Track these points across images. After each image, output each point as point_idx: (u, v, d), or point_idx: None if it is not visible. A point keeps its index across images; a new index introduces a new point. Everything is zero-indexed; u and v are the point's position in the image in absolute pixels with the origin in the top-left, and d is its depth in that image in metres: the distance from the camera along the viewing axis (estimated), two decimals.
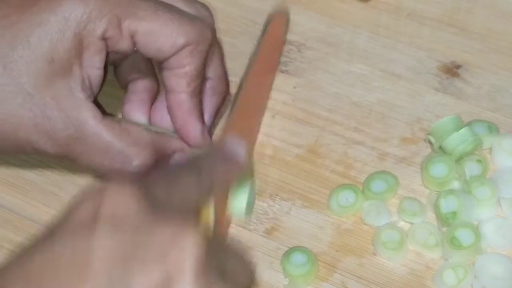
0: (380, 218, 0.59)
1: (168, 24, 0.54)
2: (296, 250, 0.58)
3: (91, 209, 0.41)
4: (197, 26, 0.55)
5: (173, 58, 0.55)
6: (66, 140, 0.53)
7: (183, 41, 0.54)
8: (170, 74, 0.55)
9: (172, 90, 0.56)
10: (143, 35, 0.54)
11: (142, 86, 0.59)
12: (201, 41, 0.55)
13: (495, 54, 0.68)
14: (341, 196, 0.60)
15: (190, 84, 0.56)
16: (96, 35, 0.53)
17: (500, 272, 0.57)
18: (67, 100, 0.53)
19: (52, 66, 0.53)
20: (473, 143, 0.61)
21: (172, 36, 0.54)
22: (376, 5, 0.71)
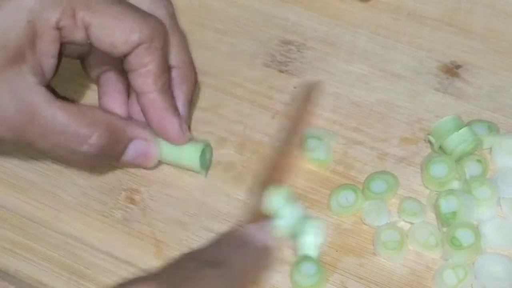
0: (380, 218, 0.59)
1: (122, 20, 0.54)
2: (306, 260, 0.57)
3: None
4: (150, 23, 0.55)
5: (132, 58, 0.55)
6: (19, 124, 0.54)
7: (136, 38, 0.54)
8: (134, 75, 0.56)
9: (141, 91, 0.56)
10: (96, 28, 0.54)
11: (115, 77, 0.59)
12: (156, 38, 0.55)
13: (495, 54, 0.68)
14: (341, 196, 0.60)
15: (156, 82, 0.56)
16: (50, 24, 0.53)
17: (500, 272, 0.57)
18: (19, 85, 0.53)
19: (4, 53, 0.53)
20: (473, 143, 0.61)
21: (125, 31, 0.54)
22: (376, 5, 0.71)
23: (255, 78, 0.67)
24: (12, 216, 0.61)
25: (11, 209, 0.62)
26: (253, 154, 0.64)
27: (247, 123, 0.65)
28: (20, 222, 0.61)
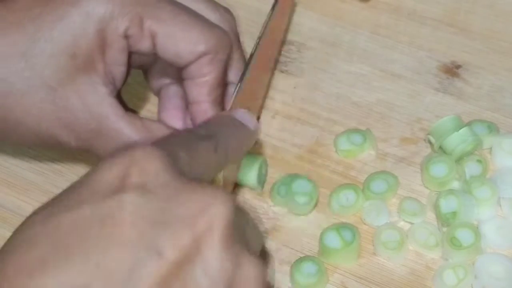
0: (380, 218, 0.59)
1: (189, 30, 0.54)
2: (307, 260, 0.58)
3: (120, 172, 0.41)
4: (217, 34, 0.55)
5: (193, 67, 0.55)
6: (88, 134, 0.54)
7: (202, 49, 0.54)
8: (191, 83, 0.55)
9: (194, 100, 0.56)
10: (163, 38, 0.54)
11: (175, 92, 0.59)
12: (221, 49, 0.55)
13: (495, 54, 0.68)
14: (342, 196, 0.60)
15: (211, 93, 0.56)
16: (118, 32, 0.53)
17: (500, 272, 0.57)
18: (90, 95, 0.53)
19: (75, 61, 0.53)
20: (473, 143, 0.61)
21: (191, 42, 0.54)
22: (376, 5, 0.71)
23: None
24: (12, 216, 0.61)
25: (11, 209, 0.62)
26: (253, 154, 0.64)
27: None
28: (20, 222, 0.61)
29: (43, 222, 0.41)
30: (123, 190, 0.40)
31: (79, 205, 0.40)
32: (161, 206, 0.40)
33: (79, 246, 0.39)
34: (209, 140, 0.47)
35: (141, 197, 0.40)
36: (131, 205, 0.39)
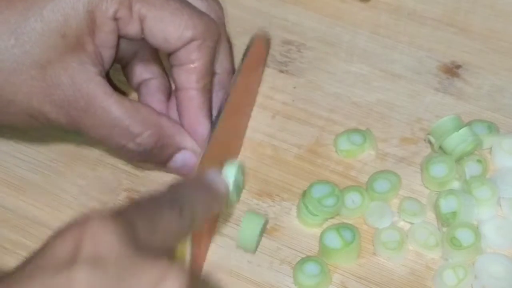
0: (383, 220, 0.59)
1: (177, 15, 0.54)
2: (310, 260, 0.58)
3: (72, 246, 0.40)
4: (205, 21, 0.55)
5: (181, 53, 0.55)
6: (76, 112, 0.54)
7: (190, 34, 0.54)
8: (179, 70, 0.56)
9: (182, 87, 0.56)
10: (151, 22, 0.54)
11: (156, 87, 0.59)
12: (209, 36, 0.55)
13: (495, 54, 0.68)
14: (348, 198, 0.60)
15: (199, 80, 0.56)
16: (108, 14, 0.53)
17: (500, 272, 0.57)
18: (79, 74, 0.53)
19: (65, 41, 0.53)
20: (473, 143, 0.61)
21: (180, 27, 0.54)
22: (376, 5, 0.71)
23: None
24: (12, 216, 0.61)
25: (11, 209, 0.62)
26: (253, 154, 0.64)
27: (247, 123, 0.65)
28: (20, 222, 0.61)
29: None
30: (74, 264, 0.39)
31: (31, 278, 0.39)
32: (113, 281, 0.39)
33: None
34: (174, 206, 0.46)
35: (93, 272, 0.39)
36: (81, 281, 0.39)
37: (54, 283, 0.39)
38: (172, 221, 0.45)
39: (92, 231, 0.40)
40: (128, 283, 0.39)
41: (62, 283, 0.39)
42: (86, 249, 0.40)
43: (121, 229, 0.41)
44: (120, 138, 0.55)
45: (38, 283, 0.39)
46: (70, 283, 0.39)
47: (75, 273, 0.39)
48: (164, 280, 0.40)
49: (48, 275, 0.39)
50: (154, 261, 0.40)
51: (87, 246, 0.40)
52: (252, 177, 0.62)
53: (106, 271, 0.39)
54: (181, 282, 0.40)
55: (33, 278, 0.39)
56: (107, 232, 0.40)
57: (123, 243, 0.40)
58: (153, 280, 0.40)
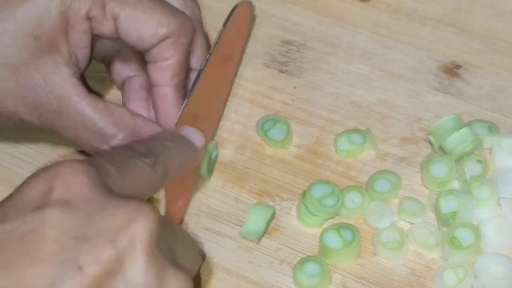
0: (383, 221, 0.59)
1: (151, 13, 0.55)
2: (311, 260, 0.58)
3: (44, 187, 0.41)
4: (179, 19, 0.55)
5: (155, 50, 0.55)
6: (49, 113, 0.54)
7: (164, 32, 0.55)
8: (154, 67, 0.56)
9: (157, 84, 0.57)
10: (125, 20, 0.54)
11: (139, 84, 0.59)
12: (183, 34, 0.56)
13: (495, 54, 0.68)
14: (347, 198, 0.60)
15: (173, 77, 0.56)
16: (81, 14, 0.54)
17: (500, 272, 0.57)
18: (53, 75, 0.54)
19: (38, 42, 0.53)
20: (473, 143, 0.61)
21: (153, 25, 0.55)
22: (376, 5, 0.71)
23: (255, 78, 0.67)
24: None
25: None
26: (253, 154, 0.64)
27: (247, 123, 0.65)
28: None
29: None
30: (46, 206, 0.40)
31: (3, 220, 0.40)
32: (84, 221, 0.40)
33: (2, 261, 0.39)
34: (147, 157, 0.47)
35: (64, 213, 0.40)
36: (52, 221, 0.40)
37: (25, 223, 0.40)
38: (144, 171, 0.46)
39: (63, 175, 0.42)
40: (98, 224, 0.40)
41: (34, 223, 0.40)
42: (57, 191, 0.41)
43: (92, 174, 0.42)
44: (93, 140, 0.55)
45: (10, 224, 0.40)
46: (41, 223, 0.40)
47: (46, 213, 0.40)
48: (133, 220, 0.40)
49: (20, 216, 0.40)
50: (123, 203, 0.41)
51: (58, 189, 0.41)
52: (252, 177, 0.62)
53: (76, 212, 0.40)
54: (151, 221, 0.41)
55: (5, 219, 0.40)
56: (78, 176, 0.42)
57: (94, 187, 0.41)
58: (123, 221, 0.40)
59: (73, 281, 0.39)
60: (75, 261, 0.39)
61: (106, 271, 0.39)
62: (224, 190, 0.62)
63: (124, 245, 0.40)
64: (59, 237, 0.40)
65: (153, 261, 0.40)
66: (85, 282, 0.39)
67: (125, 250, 0.40)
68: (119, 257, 0.40)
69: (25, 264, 0.39)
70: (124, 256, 0.40)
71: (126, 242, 0.40)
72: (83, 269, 0.39)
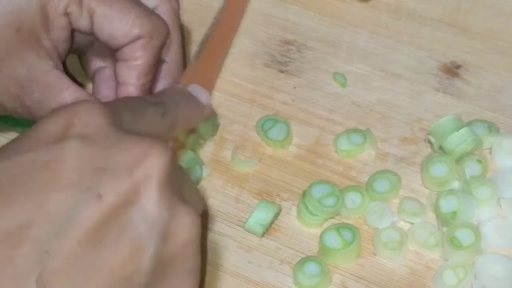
0: (383, 221, 0.59)
1: (125, 13, 0.56)
2: (311, 260, 0.58)
3: (64, 123, 0.43)
4: (153, 21, 0.56)
5: (126, 49, 0.56)
6: (32, 102, 0.55)
7: (136, 32, 0.56)
8: (123, 65, 0.57)
9: (123, 82, 0.57)
10: (100, 17, 0.55)
11: (108, 74, 0.60)
12: (155, 36, 0.56)
13: (495, 54, 0.68)
14: (347, 198, 0.60)
15: (140, 78, 0.57)
16: (59, 10, 0.55)
17: (500, 272, 0.57)
18: (36, 66, 0.55)
19: (20, 34, 0.54)
20: (473, 143, 0.61)
21: (127, 24, 0.56)
22: (376, 5, 0.71)
23: (255, 78, 0.67)
24: None
25: None
26: (253, 154, 0.64)
27: (247, 123, 0.65)
28: None
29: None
30: (66, 138, 0.42)
31: (24, 151, 0.42)
32: (102, 154, 0.42)
33: (23, 188, 0.41)
34: (157, 106, 0.49)
35: (83, 145, 0.42)
36: (73, 152, 0.42)
37: (47, 153, 0.42)
38: (154, 119, 0.49)
39: (82, 112, 0.43)
40: (116, 156, 0.42)
41: (54, 154, 0.42)
42: (76, 126, 0.43)
43: (109, 114, 0.44)
44: None
45: (33, 153, 0.42)
46: (62, 153, 0.42)
47: (67, 145, 0.42)
48: (149, 154, 0.42)
49: (42, 147, 0.42)
50: (139, 138, 0.43)
51: (78, 124, 0.43)
52: (252, 177, 0.62)
53: (95, 145, 0.42)
54: (165, 158, 0.42)
55: (28, 150, 0.42)
56: (96, 113, 0.43)
57: (111, 124, 0.43)
58: (139, 154, 0.42)
59: (92, 208, 0.40)
60: (94, 190, 0.41)
61: (123, 201, 0.41)
62: (224, 190, 0.62)
63: (140, 177, 0.42)
64: (79, 167, 0.41)
65: (166, 194, 0.42)
66: (103, 210, 0.41)
67: (141, 182, 0.42)
68: (135, 188, 0.41)
69: (47, 190, 0.41)
70: (140, 188, 0.42)
71: (142, 175, 0.42)
72: (102, 197, 0.41)
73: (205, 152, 0.63)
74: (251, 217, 0.60)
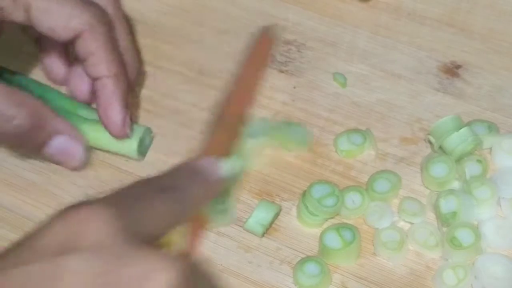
0: (383, 221, 0.59)
1: (62, 5, 0.55)
2: (311, 260, 0.58)
3: (64, 233, 0.40)
4: (91, 10, 0.56)
5: (79, 46, 0.56)
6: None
7: (75, 23, 0.55)
8: (87, 65, 0.57)
9: (96, 77, 0.57)
10: (36, 11, 0.55)
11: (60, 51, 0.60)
12: (97, 23, 0.56)
13: (495, 54, 0.68)
14: (347, 198, 0.60)
15: (109, 68, 0.57)
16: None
17: (500, 272, 0.57)
18: None
19: None
20: (473, 143, 0.61)
21: (64, 17, 0.55)
22: (376, 5, 0.71)
23: None
24: (12, 216, 0.61)
25: (11, 209, 0.62)
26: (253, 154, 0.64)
27: None
28: (20, 222, 0.61)
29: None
30: (66, 252, 0.39)
31: (22, 265, 0.39)
32: (105, 270, 0.39)
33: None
34: (168, 192, 0.45)
35: (84, 260, 0.39)
36: (73, 267, 0.39)
37: (45, 268, 0.39)
38: (166, 208, 0.45)
39: (85, 220, 0.40)
40: (120, 275, 0.39)
41: (53, 269, 0.39)
42: (78, 238, 0.40)
43: (113, 218, 0.40)
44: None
45: (29, 268, 0.39)
46: (61, 269, 0.39)
47: (66, 262, 0.39)
48: (157, 271, 0.39)
49: (40, 260, 0.39)
50: (147, 252, 0.40)
51: (79, 235, 0.40)
52: (252, 177, 0.62)
53: (97, 261, 0.39)
54: (175, 272, 0.39)
55: (24, 264, 0.39)
56: (99, 221, 0.40)
57: (115, 233, 0.40)
58: (146, 270, 0.39)
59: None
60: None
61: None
62: None
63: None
64: (78, 285, 0.39)
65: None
66: None
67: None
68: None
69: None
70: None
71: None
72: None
73: None
74: (251, 217, 0.60)
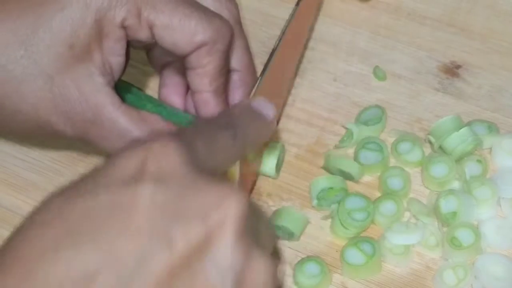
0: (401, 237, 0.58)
1: (187, 21, 0.54)
2: (311, 260, 0.58)
3: (137, 163, 0.41)
4: (215, 25, 0.55)
5: (192, 57, 0.55)
6: (83, 123, 0.54)
7: (199, 39, 0.54)
8: (192, 73, 0.56)
9: (196, 90, 0.57)
10: (160, 28, 0.54)
11: (176, 70, 0.59)
12: (219, 40, 0.55)
13: (495, 54, 0.68)
14: (382, 207, 0.60)
15: (212, 83, 0.56)
16: (116, 23, 0.54)
17: (500, 272, 0.57)
18: (86, 84, 0.54)
19: (73, 51, 0.53)
20: (473, 143, 0.61)
21: (189, 33, 0.54)
22: (376, 5, 0.71)
23: None
24: (12, 216, 0.61)
25: (11, 209, 0.62)
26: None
27: None
28: (20, 222, 0.61)
29: (59, 206, 0.41)
30: (139, 181, 0.40)
31: (95, 192, 0.40)
32: (175, 199, 0.40)
33: (92, 233, 0.39)
34: (228, 129, 0.47)
35: (156, 189, 0.40)
36: (145, 195, 0.40)
37: (118, 196, 0.40)
38: (227, 143, 0.46)
39: (156, 151, 0.41)
40: (189, 202, 0.40)
41: (126, 197, 0.40)
42: (150, 168, 0.41)
43: (183, 150, 0.42)
44: None
45: (103, 195, 0.40)
46: (134, 199, 0.40)
47: (139, 189, 0.40)
48: (224, 200, 0.40)
49: (113, 189, 0.40)
50: (215, 183, 0.41)
51: (151, 165, 0.41)
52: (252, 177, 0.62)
53: (169, 188, 0.40)
54: (241, 203, 0.40)
55: (98, 191, 0.40)
56: (170, 152, 0.42)
57: (185, 163, 0.41)
58: (214, 200, 0.40)
59: (161, 257, 0.39)
60: (165, 237, 0.39)
61: (195, 249, 0.39)
62: None
63: (214, 223, 0.40)
64: (151, 212, 0.40)
65: (240, 241, 0.40)
66: (173, 258, 0.39)
67: (215, 229, 0.40)
68: (209, 235, 0.40)
69: (116, 237, 0.39)
70: (213, 235, 0.40)
71: (216, 221, 0.40)
72: (173, 245, 0.39)
73: None
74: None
